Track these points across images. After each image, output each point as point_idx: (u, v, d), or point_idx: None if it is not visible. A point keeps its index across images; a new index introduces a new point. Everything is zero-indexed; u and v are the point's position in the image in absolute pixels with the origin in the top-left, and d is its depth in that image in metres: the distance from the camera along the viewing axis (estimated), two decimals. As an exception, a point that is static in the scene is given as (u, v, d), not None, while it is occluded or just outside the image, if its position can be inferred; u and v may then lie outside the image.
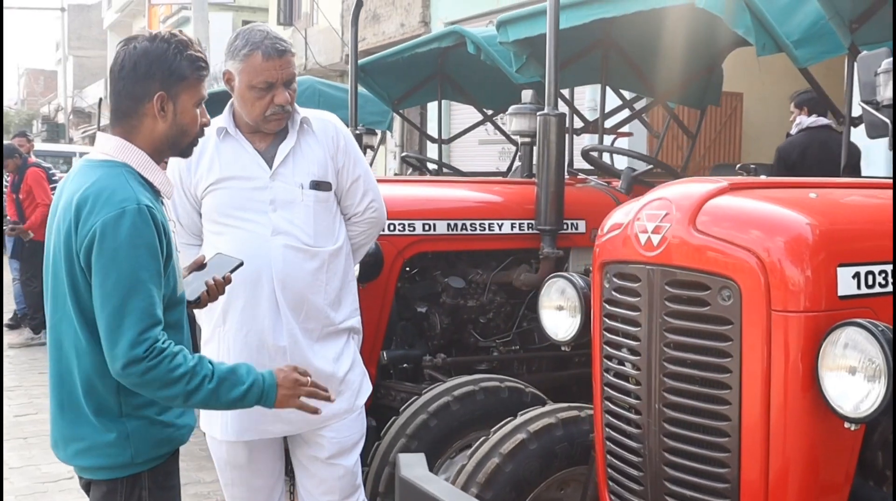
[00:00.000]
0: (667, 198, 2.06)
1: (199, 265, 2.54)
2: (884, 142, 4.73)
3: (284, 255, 2.83)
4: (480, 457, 2.80)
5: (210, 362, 2.14)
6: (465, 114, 10.11)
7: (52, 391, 2.22)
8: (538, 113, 3.98)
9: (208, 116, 2.33)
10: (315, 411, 2.40)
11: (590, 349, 3.92)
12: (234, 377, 2.15)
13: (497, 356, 4.06)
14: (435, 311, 4.00)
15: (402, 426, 3.29)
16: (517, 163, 7.04)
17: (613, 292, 2.20)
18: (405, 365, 3.99)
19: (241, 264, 2.55)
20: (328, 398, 2.41)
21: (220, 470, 3.04)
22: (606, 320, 2.24)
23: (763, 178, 2.34)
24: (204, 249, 2.90)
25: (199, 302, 2.49)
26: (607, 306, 2.24)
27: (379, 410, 3.60)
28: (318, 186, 2.89)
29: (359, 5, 5.45)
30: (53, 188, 9.52)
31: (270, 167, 2.87)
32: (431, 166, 7.10)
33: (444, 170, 6.97)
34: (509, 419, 2.91)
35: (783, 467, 1.90)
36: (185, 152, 2.32)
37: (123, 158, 2.17)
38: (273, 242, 2.82)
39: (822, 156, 5.74)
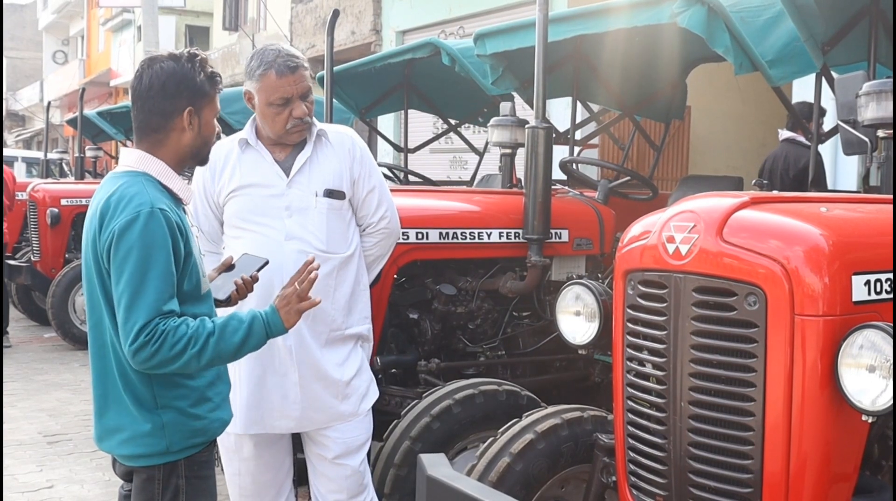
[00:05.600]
0: (693, 211, 2.22)
1: (228, 267, 2.69)
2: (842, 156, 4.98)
3: (297, 259, 2.93)
4: (491, 456, 2.91)
5: (212, 319, 2.28)
6: (421, 123, 10.22)
7: (94, 387, 2.37)
8: (526, 126, 4.14)
9: (219, 125, 2.50)
10: (316, 302, 2.49)
11: (568, 354, 4.14)
12: (234, 322, 2.29)
13: (485, 361, 4.20)
14: (426, 317, 4.11)
15: (405, 428, 3.39)
16: (484, 173, 7.25)
17: (638, 299, 2.34)
18: (394, 370, 4.10)
19: (267, 262, 2.70)
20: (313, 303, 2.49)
21: (227, 462, 3.12)
22: (630, 324, 2.39)
23: (776, 193, 2.51)
24: (224, 253, 3.02)
25: (230, 301, 2.64)
26: (631, 311, 2.38)
27: (373, 413, 3.69)
28: (331, 194, 3.02)
29: (334, 16, 5.52)
30: None
31: (288, 176, 2.99)
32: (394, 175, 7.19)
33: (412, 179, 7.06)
34: (516, 420, 3.03)
35: (803, 458, 2.07)
36: (204, 160, 2.51)
37: (143, 168, 2.35)
38: (286, 246, 2.95)
39: (778, 167, 6.06)
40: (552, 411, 3.02)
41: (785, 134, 6.07)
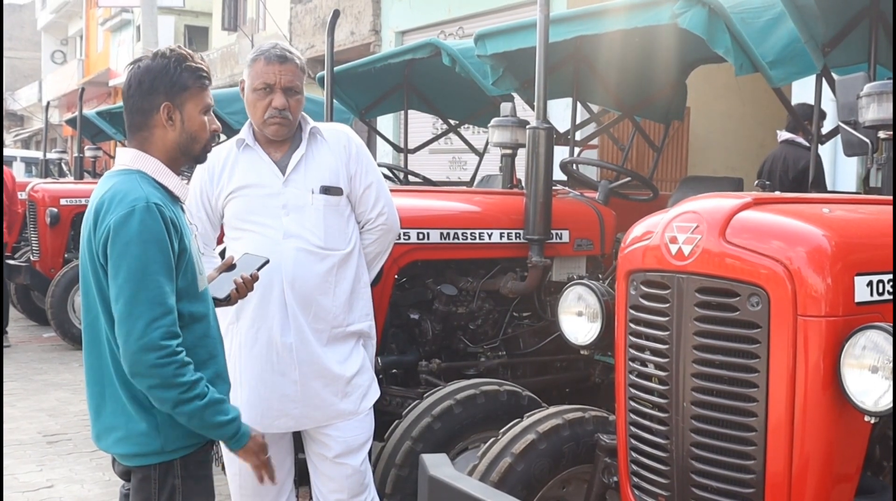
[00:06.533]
0: (696, 211, 2.22)
1: (230, 266, 2.68)
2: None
3: (296, 257, 2.96)
4: (493, 457, 2.91)
5: (208, 385, 2.26)
6: (420, 123, 10.22)
7: (89, 386, 2.36)
8: (527, 126, 4.14)
9: (218, 123, 2.47)
10: (260, 479, 2.50)
11: (568, 354, 4.15)
12: (222, 407, 2.30)
13: (486, 361, 4.20)
14: (427, 318, 4.12)
15: (406, 429, 3.39)
16: (484, 173, 7.25)
17: (640, 299, 2.35)
18: (395, 371, 4.10)
19: (267, 261, 2.71)
20: (272, 477, 2.51)
21: (228, 462, 3.13)
22: (632, 325, 2.39)
23: (778, 194, 2.52)
24: (223, 255, 3.04)
25: (230, 300, 2.64)
26: (633, 312, 2.39)
27: (374, 414, 3.70)
28: (328, 190, 3.04)
29: (335, 16, 5.52)
30: None
31: (284, 174, 3.01)
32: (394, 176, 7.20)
33: (412, 179, 7.06)
34: (518, 420, 3.03)
35: (805, 459, 2.08)
36: (199, 158, 2.47)
37: (138, 166, 2.34)
38: (285, 244, 2.97)
39: (777, 168, 6.09)
40: (553, 411, 3.02)
41: (784, 135, 6.10)
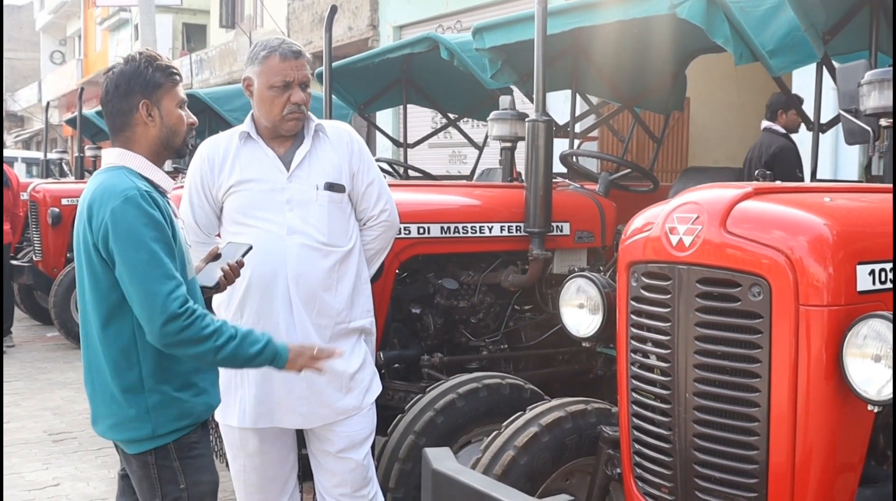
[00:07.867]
0: (697, 202, 2.22)
1: (215, 256, 2.76)
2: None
3: (299, 253, 2.96)
4: (496, 450, 2.91)
5: (231, 326, 2.41)
6: (419, 118, 10.20)
7: (86, 375, 2.49)
8: (527, 119, 4.13)
9: (194, 117, 2.57)
10: (321, 370, 2.65)
11: (570, 347, 4.14)
12: (252, 337, 2.44)
13: (488, 354, 4.20)
14: (428, 312, 4.11)
15: (409, 423, 3.39)
16: (484, 167, 7.24)
17: (641, 291, 2.34)
18: (397, 365, 4.10)
19: (251, 247, 2.75)
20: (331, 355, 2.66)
21: (232, 458, 3.14)
22: (634, 316, 2.39)
23: (779, 183, 2.51)
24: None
25: (218, 287, 2.71)
26: (634, 303, 2.38)
27: (377, 408, 3.70)
28: (331, 187, 3.04)
29: (332, 12, 5.50)
30: None
31: (288, 170, 3.01)
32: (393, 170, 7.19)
33: (412, 173, 7.06)
34: (520, 413, 3.03)
35: (808, 449, 2.07)
36: (181, 151, 2.57)
37: (123, 163, 2.45)
38: (288, 240, 2.97)
39: (755, 155, 6.17)
40: (556, 404, 3.02)
41: (764, 124, 6.22)
